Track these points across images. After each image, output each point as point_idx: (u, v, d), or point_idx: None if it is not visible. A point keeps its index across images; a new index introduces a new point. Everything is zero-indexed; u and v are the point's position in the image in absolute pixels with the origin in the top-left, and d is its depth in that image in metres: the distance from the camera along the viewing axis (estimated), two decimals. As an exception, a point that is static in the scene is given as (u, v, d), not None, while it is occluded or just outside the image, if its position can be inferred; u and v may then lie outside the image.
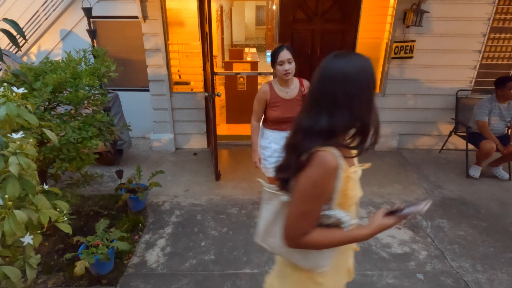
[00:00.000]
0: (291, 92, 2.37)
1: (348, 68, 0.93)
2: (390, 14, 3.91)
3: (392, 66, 4.06)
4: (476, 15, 3.85)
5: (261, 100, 2.39)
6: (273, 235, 1.15)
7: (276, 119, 2.38)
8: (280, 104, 2.36)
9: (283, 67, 2.23)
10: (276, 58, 2.23)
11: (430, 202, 0.98)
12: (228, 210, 3.14)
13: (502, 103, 3.57)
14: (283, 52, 2.22)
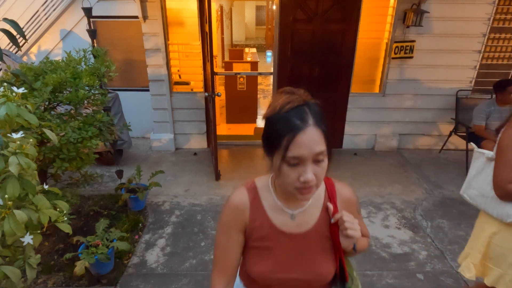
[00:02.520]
0: (305, 217, 0.92)
1: None
2: (390, 14, 3.91)
3: (392, 66, 4.06)
4: (476, 15, 3.85)
5: (229, 230, 0.94)
6: (473, 187, 1.55)
7: (263, 278, 0.94)
8: (273, 244, 0.92)
9: (302, 175, 0.76)
10: (285, 143, 0.75)
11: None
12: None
13: (502, 107, 3.48)
14: (305, 132, 0.74)
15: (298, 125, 0.73)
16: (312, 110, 0.76)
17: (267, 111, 0.80)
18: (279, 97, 0.79)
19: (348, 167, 4.00)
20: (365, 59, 4.21)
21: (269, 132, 0.79)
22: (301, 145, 0.73)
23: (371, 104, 4.27)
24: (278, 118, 0.76)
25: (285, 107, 0.76)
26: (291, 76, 4.13)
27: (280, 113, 0.76)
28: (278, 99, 0.78)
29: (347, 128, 4.39)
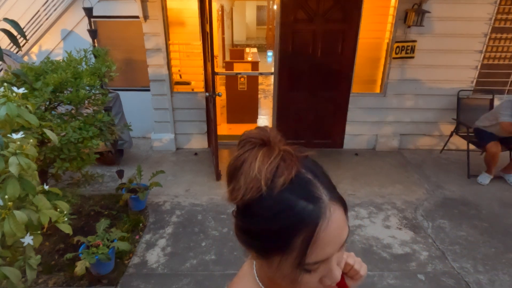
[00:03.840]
0: None
1: None
2: (391, 14, 3.90)
3: (393, 66, 4.05)
4: (477, 15, 3.84)
5: None
6: None
7: None
8: None
9: (329, 276, 0.51)
10: (299, 245, 0.46)
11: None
12: (229, 210, 3.14)
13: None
14: (327, 219, 0.47)
15: (312, 212, 0.46)
16: (318, 175, 0.51)
17: (241, 192, 0.48)
18: (251, 158, 0.50)
19: (349, 167, 3.99)
20: (366, 59, 4.20)
21: (260, 229, 0.49)
22: (326, 242, 0.47)
23: (372, 104, 4.26)
24: (272, 204, 0.47)
25: (277, 183, 0.47)
26: (292, 75, 4.12)
27: (272, 194, 0.46)
28: (251, 165, 0.49)
29: (348, 128, 4.38)
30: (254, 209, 0.49)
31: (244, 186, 0.48)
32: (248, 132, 0.56)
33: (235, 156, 0.54)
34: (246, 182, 0.48)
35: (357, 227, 2.90)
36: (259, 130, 0.55)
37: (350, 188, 3.51)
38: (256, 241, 0.52)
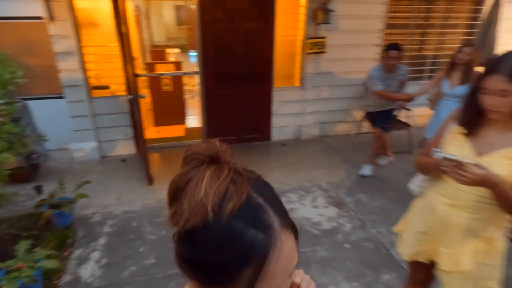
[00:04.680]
0: None
1: None
2: (303, 13, 4.24)
3: (308, 61, 4.40)
4: (373, 13, 4.39)
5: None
6: None
7: None
8: None
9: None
10: (247, 278, 0.44)
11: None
12: (165, 212, 3.10)
13: (387, 73, 3.43)
14: (277, 249, 0.45)
15: (263, 242, 0.43)
16: (269, 199, 0.47)
17: (184, 217, 0.44)
18: (197, 177, 0.45)
19: (278, 158, 4.24)
20: (284, 55, 4.49)
21: (204, 259, 0.45)
22: (276, 273, 0.45)
23: (293, 97, 4.58)
24: (218, 233, 0.43)
25: (225, 209, 0.43)
26: (217, 74, 4.20)
27: (219, 222, 0.42)
28: (196, 186, 0.44)
29: (274, 121, 4.63)
30: (199, 237, 0.44)
31: (188, 211, 0.43)
32: (195, 146, 0.50)
33: (178, 174, 0.48)
34: (191, 206, 0.43)
35: (289, 211, 3.12)
36: (207, 145, 0.49)
37: (280, 176, 3.75)
38: (199, 272, 0.47)
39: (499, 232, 1.38)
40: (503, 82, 1.18)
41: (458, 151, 1.34)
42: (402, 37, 4.72)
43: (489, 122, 1.31)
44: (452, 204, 1.39)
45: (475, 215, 1.34)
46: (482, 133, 1.33)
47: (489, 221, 1.35)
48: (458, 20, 4.86)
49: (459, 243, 1.41)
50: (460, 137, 1.37)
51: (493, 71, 1.21)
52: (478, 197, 1.30)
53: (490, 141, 1.30)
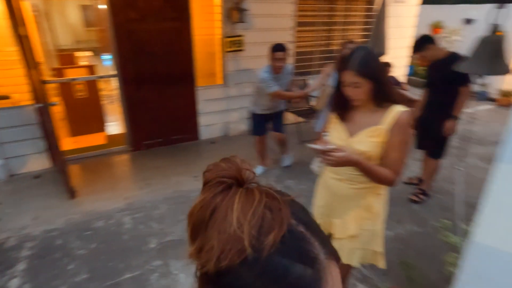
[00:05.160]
0: None
1: None
2: (219, 13, 4.34)
3: (229, 59, 4.53)
4: (284, 12, 4.71)
5: None
6: None
7: None
8: None
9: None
10: None
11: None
12: (93, 225, 2.92)
13: (275, 74, 3.27)
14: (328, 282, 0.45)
15: (311, 278, 0.37)
16: (309, 225, 0.41)
17: (215, 254, 0.37)
18: (224, 205, 0.40)
19: (209, 155, 4.30)
20: (204, 54, 4.54)
21: None
22: None
23: (218, 95, 4.66)
24: (259, 272, 0.36)
25: (266, 243, 0.36)
26: (136, 77, 4.06)
27: (259, 259, 0.36)
28: (226, 216, 0.39)
29: (202, 119, 4.67)
30: (235, 278, 0.36)
31: (219, 247, 0.37)
32: (213, 168, 0.45)
33: (199, 202, 0.42)
34: (222, 241, 0.37)
35: (224, 205, 3.22)
36: (227, 164, 0.45)
37: (212, 173, 3.81)
38: None
39: (376, 200, 1.59)
40: (353, 75, 1.38)
41: (336, 134, 1.56)
42: (311, 34, 5.15)
43: (356, 107, 1.52)
44: (338, 178, 1.59)
45: (354, 186, 1.55)
46: (352, 117, 1.53)
47: (366, 190, 1.56)
48: (356, 17, 5.48)
49: (346, 212, 1.61)
50: (337, 122, 1.58)
51: (345, 67, 1.40)
52: (352, 171, 1.50)
53: (358, 123, 1.50)
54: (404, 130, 1.42)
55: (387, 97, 1.44)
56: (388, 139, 1.43)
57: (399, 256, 2.52)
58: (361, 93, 1.41)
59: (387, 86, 1.44)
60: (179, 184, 3.61)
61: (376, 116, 1.45)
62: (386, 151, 1.44)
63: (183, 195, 3.41)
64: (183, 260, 2.51)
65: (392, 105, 1.44)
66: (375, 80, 1.38)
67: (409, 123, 1.43)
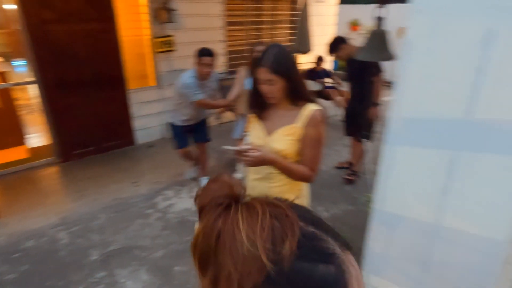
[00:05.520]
0: None
1: None
2: (145, 12, 4.22)
3: (160, 60, 4.44)
4: (212, 11, 4.76)
5: None
6: None
7: None
8: None
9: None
10: None
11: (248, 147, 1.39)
12: (22, 245, 2.67)
13: (201, 81, 2.98)
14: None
15: (337, 274, 0.37)
16: (316, 223, 0.41)
17: (235, 280, 0.35)
18: (228, 227, 0.38)
19: (148, 160, 4.18)
20: (134, 56, 4.39)
21: None
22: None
23: (152, 97, 4.54)
24: (285, 283, 0.35)
25: (283, 252, 0.35)
26: (59, 82, 3.76)
27: (282, 271, 0.35)
28: (234, 237, 0.37)
29: (137, 123, 4.50)
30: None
31: (237, 271, 0.35)
32: (204, 191, 0.44)
33: (201, 230, 0.41)
34: (238, 264, 0.35)
35: (168, 207, 3.18)
36: (218, 184, 0.44)
37: (153, 177, 3.73)
38: None
39: (295, 196, 1.60)
40: (267, 72, 1.37)
41: (255, 133, 1.56)
42: (242, 33, 5.29)
43: (273, 106, 1.51)
44: (258, 178, 1.59)
45: (274, 184, 1.56)
46: (270, 116, 1.53)
47: (286, 188, 1.57)
48: (282, 16, 5.77)
49: None
50: (256, 121, 1.58)
51: (259, 64, 1.39)
52: (271, 170, 1.50)
53: (275, 122, 1.51)
54: (318, 128, 1.45)
55: (301, 95, 1.46)
56: (302, 137, 1.46)
57: (336, 233, 2.77)
58: (275, 91, 1.41)
59: (301, 84, 1.46)
60: (118, 191, 3.46)
61: (292, 115, 1.47)
62: (301, 148, 1.48)
63: (123, 202, 3.28)
64: (129, 267, 2.44)
65: (307, 104, 1.46)
66: (288, 77, 1.39)
67: (323, 121, 1.47)
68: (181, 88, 2.99)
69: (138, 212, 3.13)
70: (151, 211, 3.14)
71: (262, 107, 1.53)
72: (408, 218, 0.82)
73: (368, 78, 3.19)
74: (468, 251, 0.71)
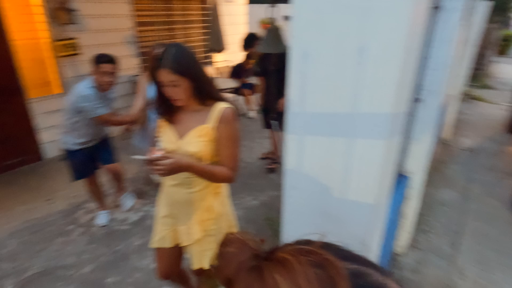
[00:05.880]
0: None
1: None
2: (41, 13, 3.83)
3: (64, 65, 4.08)
4: (120, 12, 4.55)
5: None
6: None
7: None
8: None
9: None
10: None
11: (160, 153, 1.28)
12: None
13: (101, 92, 2.57)
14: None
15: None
16: (355, 259, 0.41)
17: None
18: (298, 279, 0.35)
19: (61, 175, 3.82)
20: (32, 61, 3.95)
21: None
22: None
23: (59, 106, 4.15)
24: None
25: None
26: None
27: None
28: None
29: (44, 135, 4.08)
30: None
31: None
32: (224, 257, 0.43)
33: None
34: None
35: (92, 220, 3.00)
36: (235, 245, 0.42)
37: (70, 191, 3.45)
38: None
39: (216, 199, 1.57)
40: (169, 74, 1.29)
41: (166, 138, 1.47)
42: (154, 33, 5.17)
43: (181, 108, 1.44)
44: (174, 184, 1.49)
45: (192, 189, 1.48)
46: (180, 119, 1.46)
47: (205, 192, 1.52)
48: (193, 16, 5.79)
49: (189, 217, 1.54)
50: (166, 125, 1.48)
51: (159, 66, 1.30)
52: (187, 175, 1.42)
53: (186, 124, 1.43)
54: (230, 126, 1.41)
55: (209, 94, 1.41)
56: (216, 137, 1.41)
57: (266, 217, 2.96)
58: (180, 92, 1.34)
59: (207, 83, 1.40)
60: (29, 212, 3.12)
61: (202, 115, 1.41)
62: (217, 149, 1.43)
63: (37, 223, 2.97)
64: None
65: (216, 103, 1.42)
66: (192, 76, 1.34)
67: (235, 118, 1.43)
68: (78, 102, 2.46)
69: (57, 230, 2.88)
70: (72, 227, 2.92)
71: (171, 111, 1.46)
72: (312, 188, 1.01)
73: (282, 71, 3.45)
74: (353, 210, 0.93)
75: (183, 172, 1.34)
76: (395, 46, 0.71)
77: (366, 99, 0.77)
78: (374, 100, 0.76)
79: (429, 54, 1.89)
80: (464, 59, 4.85)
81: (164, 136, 1.49)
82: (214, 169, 1.41)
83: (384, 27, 0.70)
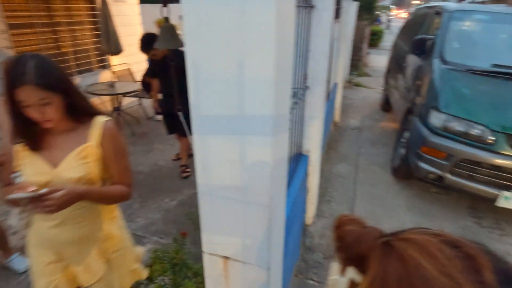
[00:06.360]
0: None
1: None
2: None
3: None
4: (-14, 13, 3.92)
5: None
6: None
7: None
8: None
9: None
10: None
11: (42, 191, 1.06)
12: None
13: None
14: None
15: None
16: (491, 252, 0.39)
17: None
18: (413, 262, 0.35)
19: None
20: None
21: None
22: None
23: None
24: None
25: (487, 281, 0.33)
26: None
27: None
28: (426, 279, 0.33)
29: None
30: None
31: None
32: (351, 236, 0.41)
33: (376, 279, 0.36)
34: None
35: None
36: (353, 225, 0.41)
37: None
38: None
39: (112, 224, 1.42)
40: (35, 91, 1.06)
41: (32, 170, 1.21)
42: (35, 37, 4.60)
43: (51, 130, 1.22)
44: (57, 224, 1.27)
45: (83, 223, 1.30)
46: (49, 143, 1.23)
47: (99, 221, 1.36)
48: (80, 17, 5.33)
49: (85, 254, 1.35)
50: (29, 154, 1.22)
51: (20, 83, 1.05)
52: (73, 208, 1.20)
53: (59, 148, 1.23)
54: (116, 139, 1.29)
55: (84, 109, 1.25)
56: (102, 155, 1.26)
57: (186, 213, 3.01)
58: (52, 112, 1.13)
59: (80, 96, 1.22)
60: None
61: (79, 134, 1.24)
62: (106, 167, 1.29)
63: None
64: None
65: (93, 117, 1.27)
66: (64, 92, 1.14)
67: (118, 130, 1.31)
68: None
69: None
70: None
71: (34, 135, 1.20)
72: (221, 184, 1.11)
73: (183, 74, 3.41)
74: (250, 208, 1.05)
75: (78, 201, 1.16)
76: (266, 54, 0.77)
77: (249, 103, 0.88)
78: (256, 104, 0.87)
79: (309, 47, 2.20)
80: (343, 52, 5.63)
81: (27, 168, 1.21)
82: (110, 189, 1.30)
83: (257, 38, 0.77)
